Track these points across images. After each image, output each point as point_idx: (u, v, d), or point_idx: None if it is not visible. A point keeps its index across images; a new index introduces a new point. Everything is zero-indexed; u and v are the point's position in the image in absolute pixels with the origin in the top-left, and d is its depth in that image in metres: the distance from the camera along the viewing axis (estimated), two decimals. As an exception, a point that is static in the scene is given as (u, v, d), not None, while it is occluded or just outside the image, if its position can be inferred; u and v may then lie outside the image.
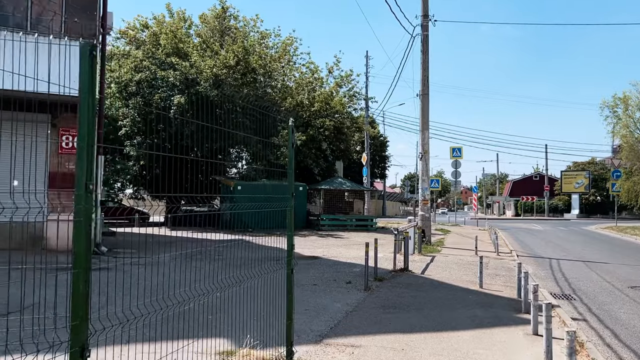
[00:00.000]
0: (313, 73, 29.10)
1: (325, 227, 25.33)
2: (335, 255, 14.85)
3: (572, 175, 66.40)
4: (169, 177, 28.02)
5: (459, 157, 33.51)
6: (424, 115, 19.34)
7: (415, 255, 15.31)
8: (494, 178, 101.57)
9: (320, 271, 11.36)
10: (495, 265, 13.69)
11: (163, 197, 31.91)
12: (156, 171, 28.37)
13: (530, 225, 42.49)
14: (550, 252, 18.75)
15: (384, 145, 60.40)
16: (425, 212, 19.43)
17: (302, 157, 26.59)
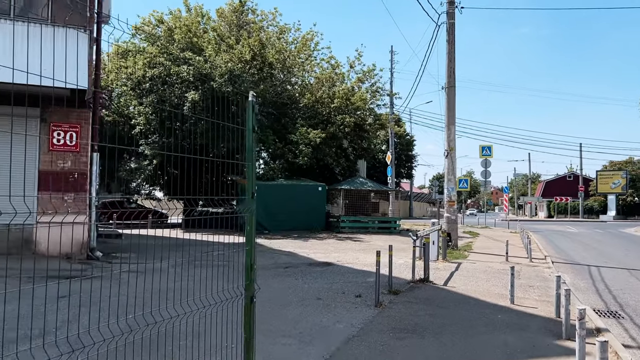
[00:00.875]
0: (334, 68, 27.89)
1: (345, 229, 24.10)
2: (350, 262, 13.65)
3: (608, 175, 63.59)
4: (182, 177, 27.28)
5: (488, 155, 31.92)
6: (450, 109, 17.96)
7: (439, 262, 13.98)
8: (526, 178, 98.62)
9: (329, 281, 10.17)
10: (528, 274, 12.27)
11: (179, 198, 31.27)
12: (173, 171, 27.67)
13: (564, 227, 40.43)
14: (589, 258, 17.16)
15: (410, 144, 58.84)
16: (451, 214, 18.04)
17: (321, 156, 25.41)
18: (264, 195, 23.09)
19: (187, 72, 22.53)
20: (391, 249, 9.01)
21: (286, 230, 22.91)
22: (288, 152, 24.67)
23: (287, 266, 12.47)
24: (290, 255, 14.93)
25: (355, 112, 25.87)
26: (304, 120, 25.61)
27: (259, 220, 22.75)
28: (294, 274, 11.02)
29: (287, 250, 16.17)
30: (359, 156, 28.83)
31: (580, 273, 13.55)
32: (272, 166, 24.82)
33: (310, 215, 23.88)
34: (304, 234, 21.98)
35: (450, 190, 17.94)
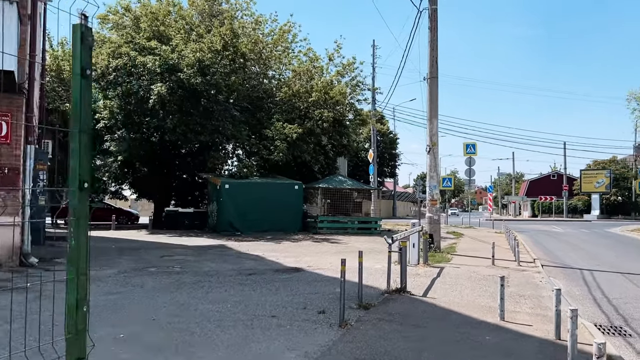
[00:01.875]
0: (312, 61, 26.58)
1: (323, 230, 22.81)
2: (323, 267, 12.35)
3: (592, 174, 63.19)
4: (150, 175, 25.77)
5: (472, 153, 30.89)
6: (432, 101, 16.75)
7: (419, 266, 12.75)
8: (510, 177, 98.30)
9: (292, 292, 8.85)
10: (518, 281, 11.08)
11: (147, 197, 29.75)
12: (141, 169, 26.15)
13: (549, 227, 39.60)
14: (579, 261, 16.08)
15: (393, 143, 57.82)
16: (433, 213, 16.83)
17: (298, 152, 24.09)
18: (236, 194, 21.75)
19: (152, 63, 21.05)
20: (361, 255, 7.72)
21: (259, 231, 21.55)
22: (263, 148, 23.31)
23: (250, 273, 11.13)
24: (257, 259, 13.58)
25: (334, 107, 24.60)
26: (280, 115, 24.27)
27: (231, 221, 21.39)
28: (255, 283, 9.68)
29: (255, 253, 14.83)
30: (339, 153, 27.57)
31: (572, 278, 12.42)
32: (246, 163, 23.43)
33: (286, 215, 22.55)
34: (278, 236, 20.64)
35: (432, 188, 16.74)
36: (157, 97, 20.78)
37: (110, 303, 7.79)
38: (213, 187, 22.92)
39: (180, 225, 23.42)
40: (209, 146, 23.33)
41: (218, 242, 18.08)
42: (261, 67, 25.55)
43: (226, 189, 21.58)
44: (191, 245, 16.73)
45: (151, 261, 12.74)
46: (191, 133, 21.66)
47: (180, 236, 20.06)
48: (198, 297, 8.24)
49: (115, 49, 22.35)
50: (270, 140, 23.25)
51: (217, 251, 15.37)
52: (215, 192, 22.38)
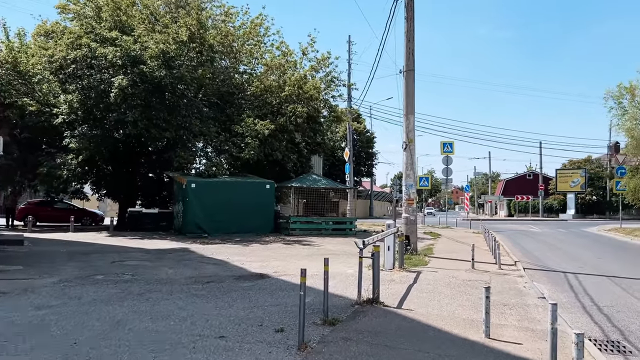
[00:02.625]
0: (285, 55, 25.54)
1: (295, 231, 21.78)
2: (291, 272, 11.33)
3: (567, 173, 63.47)
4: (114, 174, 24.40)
5: (450, 152, 30.07)
6: (409, 95, 15.87)
7: (394, 271, 11.82)
8: (486, 177, 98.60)
9: (251, 303, 7.82)
10: (500, 287, 10.24)
11: (110, 197, 28.31)
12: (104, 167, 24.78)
13: (526, 226, 39.25)
14: (562, 263, 15.38)
15: (370, 142, 57.12)
16: (410, 214, 15.96)
17: (270, 150, 23.02)
18: (203, 194, 20.61)
19: (113, 54, 19.75)
20: (327, 263, 6.76)
21: (228, 233, 20.42)
22: (232, 145, 22.18)
23: (209, 280, 10.06)
24: (220, 264, 12.50)
25: (308, 103, 23.58)
26: (251, 111, 23.19)
27: (197, 222, 20.23)
28: (210, 294, 8.62)
29: (219, 258, 13.73)
30: (313, 151, 26.58)
31: (557, 282, 11.65)
32: (215, 161, 22.27)
33: (256, 216, 21.45)
34: (248, 238, 19.55)
35: (408, 187, 15.86)
36: (118, 90, 19.50)
37: (36, 320, 6.67)
38: (179, 186, 21.70)
39: (144, 227, 22.14)
40: (175, 143, 22.11)
41: (181, 245, 16.92)
42: (231, 61, 24.42)
43: (192, 188, 20.39)
44: (151, 249, 15.55)
45: (100, 268, 11.56)
46: (155, 129, 20.41)
47: (142, 238, 18.83)
48: (140, 311, 7.16)
49: (74, 40, 20.98)
50: (240, 137, 22.13)
51: (178, 255, 14.23)
52: (181, 192, 21.18)
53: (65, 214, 25.47)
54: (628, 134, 33.31)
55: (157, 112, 20.45)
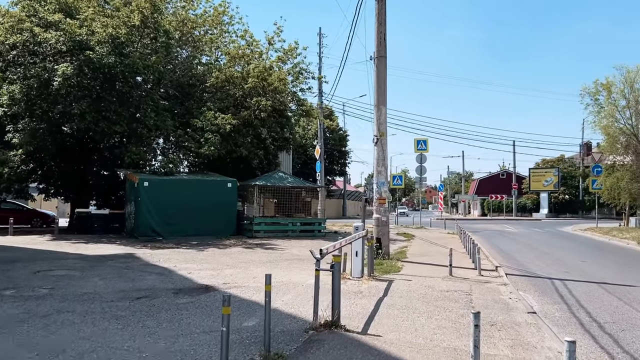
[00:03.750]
0: (250, 45, 23.92)
1: (260, 233, 20.17)
2: (243, 284, 9.78)
3: (540, 172, 63.20)
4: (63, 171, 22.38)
5: (424, 150, 28.98)
6: (380, 85, 14.44)
7: (363, 280, 10.35)
8: (459, 176, 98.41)
9: (179, 329, 6.23)
10: (483, 298, 8.86)
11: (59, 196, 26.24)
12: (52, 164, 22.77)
13: (501, 226, 38.39)
14: (545, 267, 14.17)
15: (343, 140, 55.74)
16: (381, 214, 14.53)
17: (233, 146, 21.36)
18: (157, 193, 18.87)
19: (56, 39, 17.86)
20: (269, 282, 5.22)
21: (186, 236, 18.72)
22: (191, 140, 20.46)
23: (141, 296, 8.43)
24: (163, 274, 10.85)
25: (274, 95, 21.97)
26: (212, 104, 21.48)
27: (150, 225, 18.47)
28: (135, 314, 7.01)
29: (165, 265, 12.07)
30: (280, 147, 24.97)
31: (545, 291, 10.35)
32: (172, 157, 20.50)
33: (217, 217, 19.77)
34: (207, 241, 17.88)
35: (380, 185, 14.42)
36: (62, 79, 17.62)
37: None
38: (131, 185, 19.87)
39: (93, 230, 20.23)
40: (130, 138, 20.28)
41: (128, 250, 15.16)
42: (192, 51, 22.65)
43: (145, 187, 18.60)
44: (90, 255, 13.78)
45: (18, 279, 9.80)
46: (104, 122, 18.57)
47: (87, 243, 16.99)
48: (28, 344, 5.52)
49: (15, 24, 18.99)
50: (199, 132, 20.43)
51: (119, 263, 12.51)
52: (133, 191, 19.36)
53: (11, 215, 23.33)
54: (604, 132, 32.65)
55: (106, 103, 18.61)
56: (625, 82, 31.00)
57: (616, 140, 31.84)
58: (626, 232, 27.46)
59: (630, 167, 31.14)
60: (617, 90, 31.57)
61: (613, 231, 28.98)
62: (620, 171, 32.08)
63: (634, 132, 31.07)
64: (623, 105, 31.40)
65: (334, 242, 7.45)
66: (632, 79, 30.79)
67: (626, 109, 31.22)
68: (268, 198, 23.35)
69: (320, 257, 6.17)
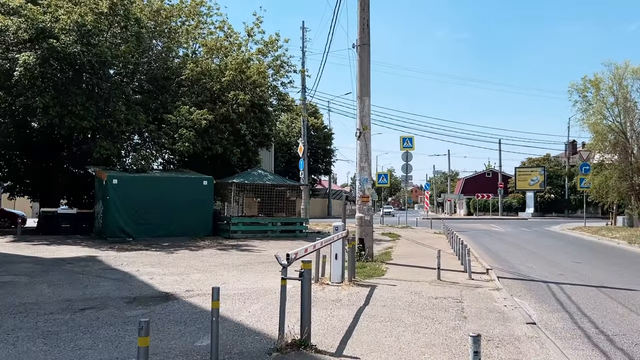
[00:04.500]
0: (228, 37, 22.84)
1: (237, 234, 19.10)
2: (207, 290, 8.72)
3: (526, 171, 62.81)
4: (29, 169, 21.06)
5: (410, 148, 28.13)
6: (363, 74, 13.48)
7: (343, 286, 9.37)
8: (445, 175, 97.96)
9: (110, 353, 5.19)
10: (476, 306, 7.94)
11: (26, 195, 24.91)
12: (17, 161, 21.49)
13: (488, 225, 37.71)
14: (538, 269, 13.33)
15: (328, 138, 54.75)
16: (364, 213, 13.57)
17: (209, 143, 20.27)
18: (128, 191, 17.74)
19: (17, 26, 16.64)
20: (217, 295, 4.23)
21: (157, 236, 17.61)
22: (165, 136, 19.34)
23: (87, 306, 7.37)
24: (122, 280, 9.77)
25: (253, 89, 20.89)
26: (188, 98, 20.38)
27: (120, 225, 17.33)
28: (71, 330, 5.96)
29: (127, 270, 10.99)
30: (260, 144, 23.89)
31: (542, 297, 9.46)
32: (144, 154, 19.34)
33: (192, 216, 18.68)
34: (179, 242, 16.78)
35: (363, 181, 13.46)
36: (24, 68, 16.40)
37: None
38: (99, 182, 18.69)
39: (60, 230, 19.01)
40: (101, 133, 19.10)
41: (92, 252, 14.03)
42: (166, 42, 21.47)
43: (114, 184, 17.45)
44: (48, 258, 12.63)
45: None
46: (70, 116, 17.38)
47: (49, 244, 15.78)
48: None
49: (-27, 10, 17.72)
50: (173, 127, 19.31)
51: (77, 267, 11.40)
52: (102, 189, 18.19)
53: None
54: (592, 129, 32.08)
55: (73, 96, 17.41)
56: (613, 79, 30.45)
57: (604, 138, 31.27)
58: (615, 232, 26.88)
59: (619, 166, 30.59)
60: (605, 87, 31.04)
61: (602, 230, 28.39)
62: (609, 169, 31.53)
63: (623, 130, 30.54)
64: (612, 102, 30.87)
65: (307, 245, 6.43)
66: (620, 75, 30.26)
67: (615, 106, 30.68)
68: (251, 197, 22.27)
69: (286, 264, 5.18)
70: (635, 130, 30.21)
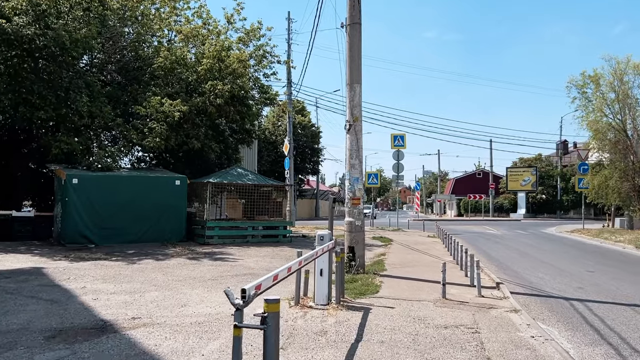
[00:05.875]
0: (206, 24, 21.00)
1: (213, 239, 17.25)
2: (158, 317, 6.98)
3: (518, 172, 61.58)
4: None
5: (401, 146, 26.51)
6: (354, 58, 11.74)
7: (330, 309, 7.61)
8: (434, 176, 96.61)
9: None
10: (499, 342, 6.22)
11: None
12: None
13: (482, 227, 36.21)
14: (551, 281, 11.73)
15: (316, 137, 52.90)
16: (355, 217, 11.83)
17: (184, 137, 18.42)
18: (90, 192, 15.84)
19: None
20: None
21: (123, 243, 15.74)
22: (133, 130, 17.47)
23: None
24: (57, 301, 7.93)
25: (233, 80, 19.04)
26: (160, 89, 18.51)
27: (80, 230, 15.46)
28: None
29: (70, 286, 9.15)
30: (241, 140, 22.05)
31: (570, 321, 7.80)
32: (110, 150, 17.44)
33: (163, 220, 16.84)
34: (146, 249, 14.92)
35: (354, 181, 11.72)
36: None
37: None
38: (59, 182, 16.74)
39: (15, 236, 17.02)
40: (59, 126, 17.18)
41: (40, 263, 12.13)
42: (136, 28, 19.55)
43: (74, 184, 15.52)
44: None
45: None
46: (25, 106, 15.46)
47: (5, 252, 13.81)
48: None
49: None
50: (143, 120, 17.45)
51: (12, 282, 9.52)
52: (60, 189, 16.27)
53: None
54: (591, 128, 30.69)
55: (28, 84, 15.50)
56: (614, 74, 29.06)
57: (604, 137, 29.89)
58: (618, 235, 25.46)
59: (619, 165, 29.22)
60: (605, 82, 29.66)
61: (603, 233, 26.99)
62: (608, 169, 30.16)
63: (623, 128, 29.18)
64: (612, 99, 29.47)
65: (259, 280, 4.58)
66: (622, 70, 28.88)
67: (615, 102, 29.28)
68: (234, 198, 20.40)
69: (242, 304, 3.40)
70: (637, 128, 28.86)
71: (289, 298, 8.11)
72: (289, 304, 7.85)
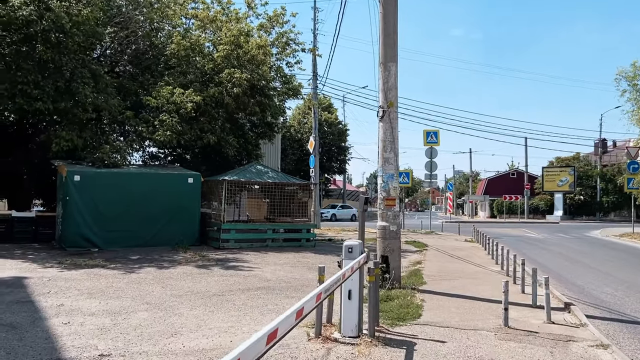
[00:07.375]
0: (224, 9, 19.42)
1: (229, 243, 15.55)
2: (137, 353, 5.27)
3: (554, 172, 58.53)
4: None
5: (434, 143, 24.44)
6: (388, 33, 9.90)
7: (360, 345, 5.78)
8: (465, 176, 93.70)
9: None
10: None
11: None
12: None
13: (519, 230, 33.84)
14: (626, 299, 9.78)
15: (343, 135, 50.95)
16: (389, 221, 9.96)
17: (199, 132, 16.83)
18: (93, 191, 14.37)
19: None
20: None
21: (130, 247, 14.23)
22: (143, 123, 15.95)
23: None
24: (17, 326, 6.32)
25: (252, 68, 17.37)
26: (173, 78, 16.97)
27: (82, 232, 13.97)
28: None
29: (46, 303, 7.57)
30: (261, 135, 20.36)
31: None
32: (118, 145, 15.95)
33: (175, 222, 15.24)
34: (152, 255, 13.33)
35: (387, 178, 9.86)
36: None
37: None
38: (60, 179, 15.32)
39: (16, 238, 15.64)
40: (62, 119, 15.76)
41: (27, 271, 10.62)
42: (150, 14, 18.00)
43: (75, 182, 14.04)
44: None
45: None
46: (22, 97, 14.06)
47: None
48: None
49: None
50: (154, 112, 15.92)
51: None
52: (62, 188, 14.83)
53: None
54: (639, 124, 28.14)
55: (24, 73, 14.09)
56: (672, 63, 26.47)
57: (658, 132, 27.33)
58: (677, 240, 22.98)
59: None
60: (662, 72, 27.05)
61: (659, 239, 24.49)
62: (663, 168, 27.56)
63: (681, 123, 26.60)
64: (668, 92, 26.88)
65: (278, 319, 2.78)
66: (680, 59, 26.24)
67: (672, 95, 26.71)
68: (259, 198, 18.75)
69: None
70: (696, 123, 26.20)
71: (307, 325, 6.32)
72: (307, 334, 6.08)
